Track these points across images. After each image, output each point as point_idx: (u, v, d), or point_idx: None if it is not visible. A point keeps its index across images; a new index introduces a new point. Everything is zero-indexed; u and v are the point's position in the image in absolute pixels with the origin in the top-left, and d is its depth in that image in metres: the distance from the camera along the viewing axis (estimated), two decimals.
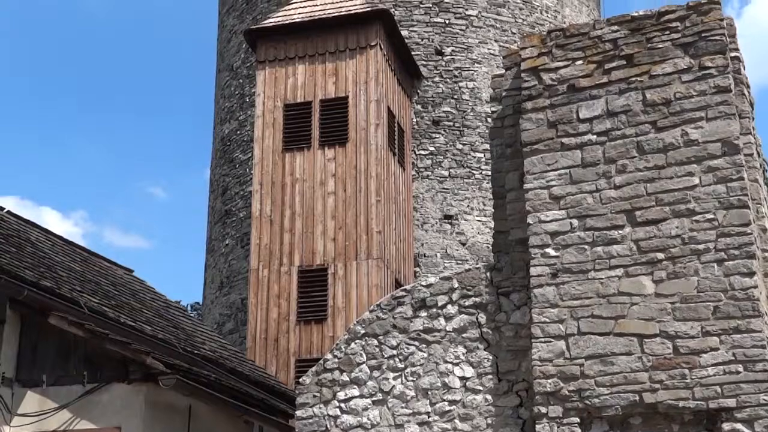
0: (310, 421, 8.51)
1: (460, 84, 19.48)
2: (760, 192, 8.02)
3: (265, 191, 16.80)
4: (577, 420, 7.53)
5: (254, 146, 17.30)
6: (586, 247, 7.85)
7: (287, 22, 17.56)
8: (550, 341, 7.74)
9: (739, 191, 7.51)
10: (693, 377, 7.27)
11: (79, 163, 61.11)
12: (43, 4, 60.75)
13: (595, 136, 8.09)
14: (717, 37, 7.85)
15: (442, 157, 19.03)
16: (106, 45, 61.26)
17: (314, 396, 8.57)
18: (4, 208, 13.15)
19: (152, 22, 62.88)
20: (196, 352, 12.00)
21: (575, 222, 7.95)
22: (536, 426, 7.59)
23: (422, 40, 19.65)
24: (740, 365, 7.18)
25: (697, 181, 7.66)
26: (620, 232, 7.77)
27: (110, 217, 63.34)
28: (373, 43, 17.03)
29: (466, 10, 19.95)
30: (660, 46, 8.02)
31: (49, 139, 60.44)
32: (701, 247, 7.50)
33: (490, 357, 8.15)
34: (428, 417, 8.14)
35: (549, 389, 7.61)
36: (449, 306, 8.43)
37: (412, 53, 19.00)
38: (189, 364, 10.60)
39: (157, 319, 12.62)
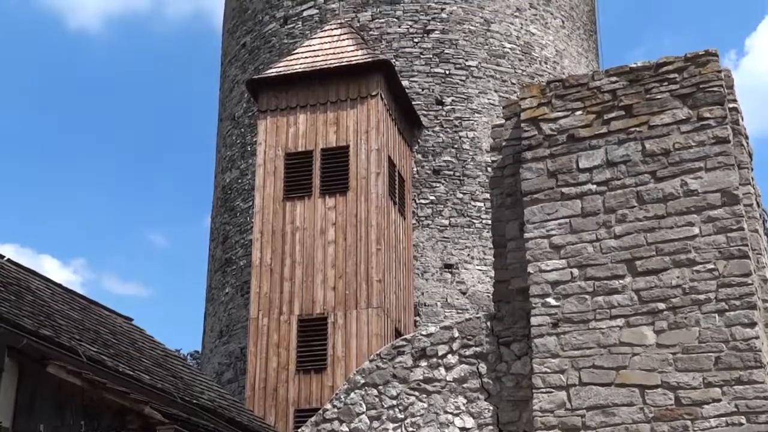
0: None
1: (461, 134, 19.59)
2: (760, 242, 8.03)
3: (265, 240, 16.81)
4: None
5: (255, 195, 17.35)
6: (587, 296, 7.84)
7: (289, 72, 17.72)
8: (551, 392, 7.69)
9: (739, 241, 7.52)
10: (695, 429, 7.21)
11: (78, 210, 61.23)
12: (46, 47, 61.33)
13: (595, 186, 8.13)
14: (715, 89, 7.93)
15: (442, 206, 19.07)
16: (107, 93, 61.76)
17: None
18: (4, 257, 13.14)
19: (155, 70, 63.45)
20: (194, 401, 11.90)
21: (576, 271, 7.95)
22: None
23: (423, 90, 19.81)
24: (743, 417, 7.13)
25: (697, 231, 7.68)
26: (621, 281, 7.77)
27: (109, 264, 63.29)
28: (374, 93, 17.17)
29: (466, 61, 20.14)
30: (659, 97, 8.10)
31: (48, 186, 60.62)
32: (702, 297, 7.49)
33: (491, 407, 8.09)
34: None
35: None
36: (450, 356, 8.39)
37: (413, 103, 19.14)
38: (187, 414, 10.51)
39: (156, 368, 12.54)
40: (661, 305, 7.57)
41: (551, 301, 7.91)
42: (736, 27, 59.11)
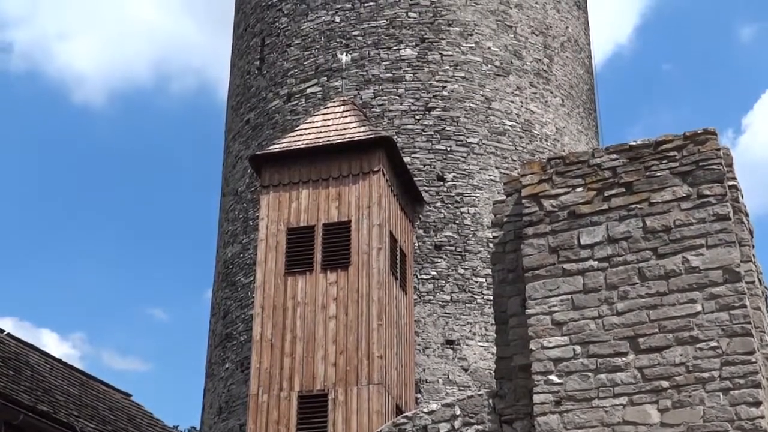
0: None
1: (462, 209, 19.68)
2: (763, 320, 8.00)
3: (266, 315, 16.74)
4: None
5: (256, 269, 17.33)
6: (590, 374, 7.77)
7: (292, 148, 17.87)
8: None
9: (742, 319, 7.49)
10: None
11: (78, 284, 61.13)
12: (50, 122, 62.00)
13: (596, 262, 8.13)
14: (714, 167, 7.99)
15: (443, 282, 19.04)
16: (109, 167, 62.24)
17: None
18: (3, 331, 13.10)
19: (158, 145, 64.08)
20: None
21: (578, 348, 7.91)
22: None
23: (424, 166, 19.96)
24: None
25: (699, 308, 7.65)
26: (624, 359, 7.72)
27: (108, 339, 62.92)
28: (375, 169, 17.29)
29: (467, 137, 20.35)
30: (658, 174, 8.16)
31: (48, 259, 60.66)
32: (706, 375, 7.43)
33: None
34: None
35: None
36: None
37: (414, 179, 19.26)
38: None
39: None
40: (665, 383, 7.50)
41: (554, 378, 7.84)
42: (733, 105, 59.92)
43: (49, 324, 63.39)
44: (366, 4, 21.33)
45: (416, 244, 19.23)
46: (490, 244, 17.54)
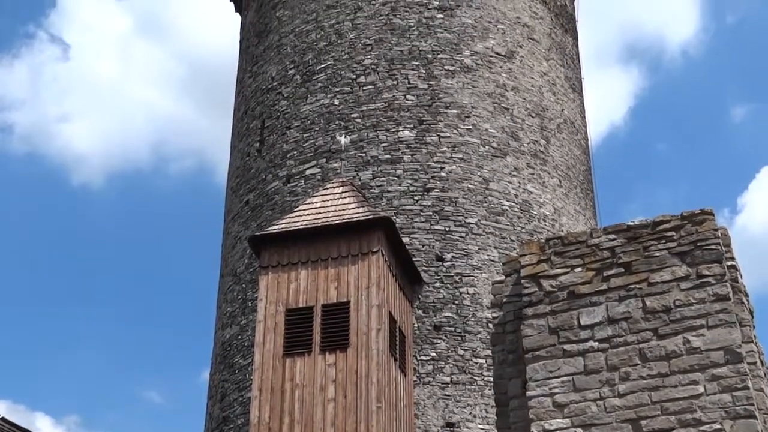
0: None
1: (461, 290, 19.64)
2: (766, 401, 7.92)
3: (264, 397, 16.55)
4: None
5: (255, 351, 17.20)
6: None
7: (291, 229, 17.92)
8: None
9: (744, 401, 7.42)
10: None
11: (72, 366, 60.43)
12: (48, 204, 62.24)
13: (597, 343, 8.09)
14: (712, 246, 8.02)
15: (443, 363, 18.89)
16: (104, 247, 62.20)
17: None
18: None
19: (156, 226, 64.17)
20: None
21: (580, 431, 7.80)
22: None
23: (423, 246, 20.00)
24: None
25: (701, 389, 7.58)
26: None
27: (103, 421, 61.90)
28: (374, 249, 17.30)
29: (466, 218, 20.43)
30: (657, 254, 8.18)
31: (42, 342, 60.15)
32: None
33: None
34: None
35: None
36: None
37: (413, 259, 19.27)
38: None
39: None
40: None
41: None
42: (728, 185, 60.34)
43: (44, 407, 62.62)
44: (365, 88, 21.66)
45: (415, 325, 19.13)
46: (490, 325, 17.47)
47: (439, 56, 21.86)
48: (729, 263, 8.19)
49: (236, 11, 29.33)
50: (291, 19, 23.66)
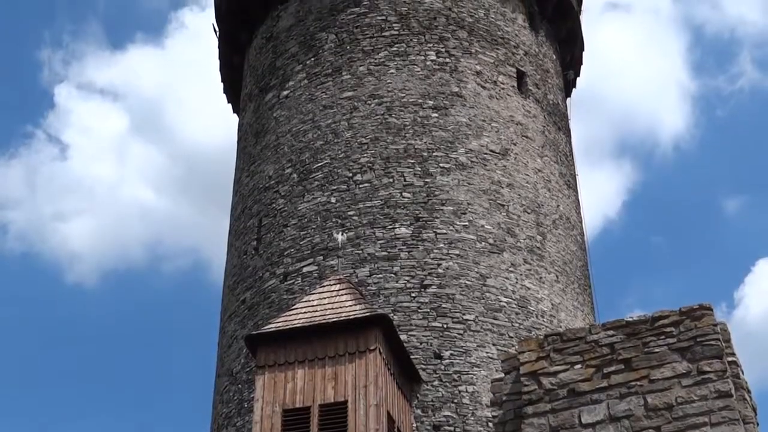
0: None
1: (460, 388, 19.40)
2: None
3: None
4: None
5: None
6: None
7: (288, 327, 17.80)
8: None
9: None
10: None
11: None
12: (42, 302, 61.89)
13: None
14: (712, 342, 7.98)
15: None
16: (97, 347, 61.57)
17: None
18: None
19: (150, 326, 63.65)
20: None
21: None
22: None
23: (421, 344, 19.84)
24: None
25: None
26: None
27: None
28: (372, 347, 17.16)
29: (464, 314, 20.33)
30: (657, 350, 8.13)
31: None
32: None
33: None
34: None
35: None
36: None
37: (411, 357, 19.09)
38: None
39: None
40: None
41: None
42: (724, 278, 60.32)
43: None
44: (361, 185, 21.85)
45: (414, 425, 18.83)
46: (490, 424, 17.20)
47: (434, 154, 22.13)
48: (730, 359, 8.13)
49: (234, 112, 29.84)
50: (288, 119, 24.03)
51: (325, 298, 18.61)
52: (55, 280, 62.76)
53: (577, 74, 29.66)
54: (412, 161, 22.02)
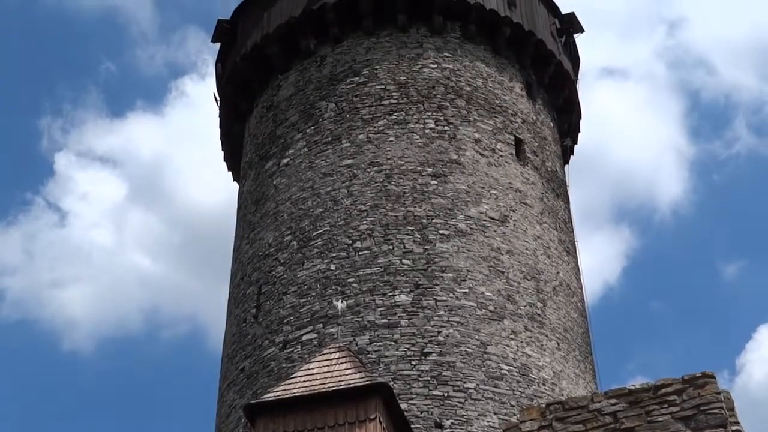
0: None
1: None
2: None
3: None
4: None
5: None
6: None
7: (287, 396, 17.63)
8: None
9: None
10: None
11: None
12: (34, 370, 61.35)
13: None
14: (716, 410, 7.91)
15: None
16: (94, 416, 60.82)
17: None
18: None
19: (147, 394, 62.99)
20: None
21: None
22: None
23: (422, 413, 19.63)
24: None
25: None
26: None
27: None
28: (372, 417, 16.98)
29: (464, 383, 20.15)
30: (660, 419, 8.05)
31: None
32: None
33: None
34: None
35: None
36: None
37: (412, 426, 18.87)
38: None
39: None
40: None
41: None
42: (725, 345, 59.93)
43: None
44: (360, 253, 21.85)
45: None
46: None
47: (433, 221, 22.19)
48: (734, 428, 8.05)
49: (234, 180, 30.00)
50: (288, 186, 24.16)
51: (324, 366, 18.48)
52: (52, 348, 62.32)
53: (575, 142, 29.91)
54: (412, 228, 22.06)
